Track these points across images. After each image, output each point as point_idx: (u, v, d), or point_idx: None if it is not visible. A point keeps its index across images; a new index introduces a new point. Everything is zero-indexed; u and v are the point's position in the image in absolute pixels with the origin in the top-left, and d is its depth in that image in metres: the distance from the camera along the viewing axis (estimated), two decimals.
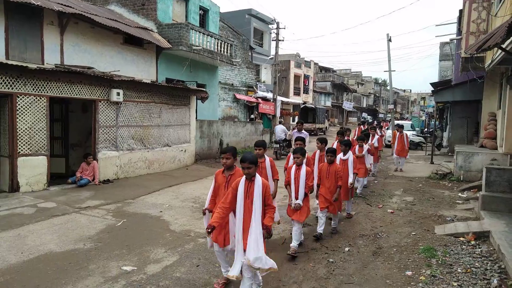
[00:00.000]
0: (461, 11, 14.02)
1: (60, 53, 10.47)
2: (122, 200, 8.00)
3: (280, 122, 22.23)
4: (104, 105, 9.77)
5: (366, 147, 8.85)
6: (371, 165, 10.18)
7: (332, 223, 6.24)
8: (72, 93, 8.97)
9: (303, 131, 9.69)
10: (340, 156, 6.72)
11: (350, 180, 6.58)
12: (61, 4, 10.05)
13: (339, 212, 6.25)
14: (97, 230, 5.98)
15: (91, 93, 9.42)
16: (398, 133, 13.25)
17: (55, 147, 10.35)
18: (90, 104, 9.80)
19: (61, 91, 8.71)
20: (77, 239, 5.55)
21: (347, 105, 32.94)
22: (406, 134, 13.30)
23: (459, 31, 14.43)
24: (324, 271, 4.63)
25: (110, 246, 5.30)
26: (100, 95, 9.63)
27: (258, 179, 3.76)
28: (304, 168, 5.20)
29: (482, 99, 13.87)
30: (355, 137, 11.73)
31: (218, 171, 4.27)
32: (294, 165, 5.31)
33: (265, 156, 5.52)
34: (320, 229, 5.76)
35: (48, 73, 8.40)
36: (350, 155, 6.71)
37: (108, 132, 9.94)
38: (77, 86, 9.05)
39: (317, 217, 6.26)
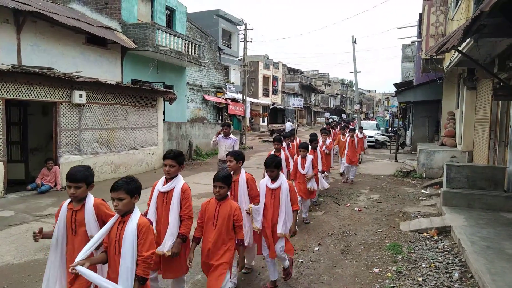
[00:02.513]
0: (421, 15, 14.61)
1: (17, 53, 9.92)
2: None
3: (288, 120, 27.83)
4: (65, 108, 9.37)
5: (310, 158, 6.62)
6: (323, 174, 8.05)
7: None
8: (31, 95, 8.53)
9: (231, 136, 7.98)
10: (265, 182, 4.16)
11: (282, 229, 3.98)
12: (17, 1, 9.54)
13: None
14: None
15: (52, 95, 9.00)
16: (348, 137, 10.73)
17: (13, 152, 9.81)
18: (51, 107, 9.36)
19: (18, 93, 8.26)
20: (37, 249, 5.26)
21: (296, 103, 32.60)
22: (359, 140, 11.14)
23: (420, 34, 15.04)
24: (294, 271, 4.63)
25: None
26: (61, 97, 9.22)
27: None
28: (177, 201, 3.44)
29: (442, 99, 14.52)
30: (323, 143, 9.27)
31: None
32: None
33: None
34: None
35: (4, 74, 7.93)
36: (282, 181, 4.11)
37: (70, 136, 9.54)
38: (36, 88, 8.62)
39: None
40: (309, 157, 6.61)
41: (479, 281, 4.02)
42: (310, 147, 7.20)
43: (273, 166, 4.11)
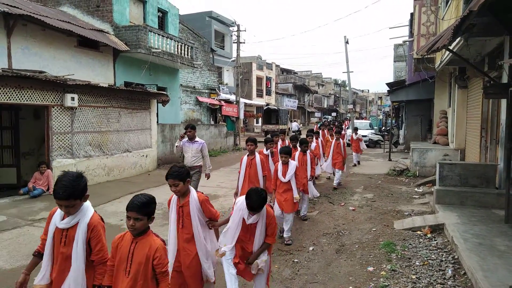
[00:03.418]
0: (412, 14, 14.73)
1: (8, 56, 9.83)
2: None
3: (294, 121, 29.05)
4: (57, 111, 9.30)
5: (293, 164, 5.68)
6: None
7: None
8: (22, 99, 8.44)
9: (197, 139, 7.16)
10: (241, 211, 3.29)
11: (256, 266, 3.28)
12: (7, 4, 9.46)
13: None
14: None
15: (43, 98, 8.93)
16: (334, 140, 10.14)
17: (4, 156, 9.74)
18: (43, 110, 9.29)
19: (9, 97, 8.17)
20: (30, 254, 5.16)
21: (291, 104, 28.85)
22: (344, 143, 10.24)
23: (411, 34, 15.16)
24: (289, 271, 4.65)
25: None
26: (53, 100, 9.15)
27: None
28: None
29: (434, 98, 14.65)
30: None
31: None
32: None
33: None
34: None
35: None
36: (262, 216, 3.26)
37: (62, 139, 9.46)
38: (28, 92, 8.54)
39: None
40: (292, 163, 5.66)
41: (472, 278, 4.06)
42: (298, 149, 6.92)
43: (256, 207, 3.17)
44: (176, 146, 7.28)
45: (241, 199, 3.34)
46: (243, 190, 5.74)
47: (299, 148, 7.16)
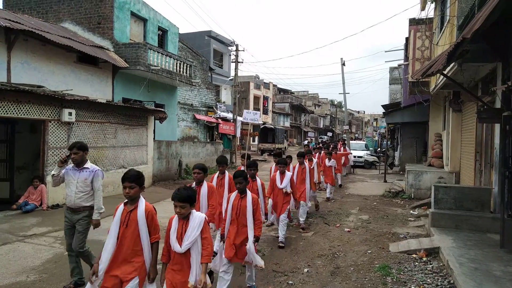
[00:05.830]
0: (407, 39, 15.05)
1: (7, 70, 9.89)
2: None
3: (306, 139, 29.41)
4: (54, 126, 9.29)
5: (198, 220, 3.22)
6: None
7: None
8: (19, 113, 8.44)
9: (88, 165, 4.68)
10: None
11: None
12: (9, 20, 9.58)
13: None
14: (43, 260, 5.56)
15: (41, 113, 8.93)
16: (297, 165, 7.95)
17: None
18: (39, 125, 9.28)
19: (6, 111, 8.17)
20: (20, 271, 5.11)
21: (250, 117, 21.74)
22: (311, 169, 8.27)
23: (406, 57, 15.44)
24: None
25: (56, 277, 4.93)
26: (50, 115, 9.16)
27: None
28: None
29: (429, 120, 14.80)
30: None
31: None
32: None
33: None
34: None
35: None
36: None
37: (58, 154, 9.41)
38: (25, 106, 8.55)
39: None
40: (196, 218, 3.24)
41: None
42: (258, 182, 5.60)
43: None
44: (53, 175, 4.70)
45: None
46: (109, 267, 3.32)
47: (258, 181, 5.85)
